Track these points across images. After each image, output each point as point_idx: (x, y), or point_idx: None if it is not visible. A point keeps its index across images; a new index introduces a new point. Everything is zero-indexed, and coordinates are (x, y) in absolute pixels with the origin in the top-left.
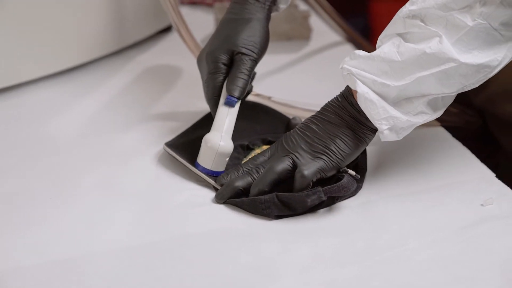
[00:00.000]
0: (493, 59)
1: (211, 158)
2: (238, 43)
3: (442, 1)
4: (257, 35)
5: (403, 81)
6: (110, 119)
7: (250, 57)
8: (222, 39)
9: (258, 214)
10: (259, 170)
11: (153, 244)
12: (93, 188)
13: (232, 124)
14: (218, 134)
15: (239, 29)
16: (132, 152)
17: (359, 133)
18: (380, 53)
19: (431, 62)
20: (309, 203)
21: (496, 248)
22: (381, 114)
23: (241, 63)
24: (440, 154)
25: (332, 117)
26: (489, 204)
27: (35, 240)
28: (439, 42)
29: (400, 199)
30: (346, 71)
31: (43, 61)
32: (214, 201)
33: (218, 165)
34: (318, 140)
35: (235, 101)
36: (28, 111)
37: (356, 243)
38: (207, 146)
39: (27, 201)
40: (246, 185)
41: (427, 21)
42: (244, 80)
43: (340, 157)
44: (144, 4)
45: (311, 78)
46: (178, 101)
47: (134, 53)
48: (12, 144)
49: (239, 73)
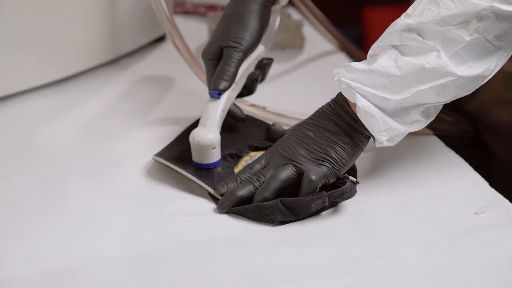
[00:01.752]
0: (486, 69)
1: (196, 151)
2: (226, 38)
3: (440, 16)
4: (246, 26)
5: (403, 94)
6: (103, 128)
7: (235, 49)
8: (214, 37)
9: (262, 220)
10: (260, 178)
11: (146, 254)
12: (86, 197)
13: (215, 116)
14: (200, 128)
15: (229, 24)
16: (125, 161)
17: (356, 141)
18: (379, 67)
19: (430, 76)
20: (313, 208)
21: (489, 256)
22: (381, 126)
23: (226, 56)
24: (433, 162)
25: (329, 124)
26: (483, 213)
27: (28, 249)
28: (437, 56)
29: (393, 207)
30: (345, 84)
31: (37, 71)
32: (216, 211)
33: (205, 157)
34: (318, 147)
35: (216, 93)
36: (21, 121)
37: (349, 251)
38: (191, 141)
39: (20, 210)
40: (248, 194)
41: (424, 35)
42: (228, 72)
43: (341, 164)
44: (138, 14)
45: (305, 87)
46: (171, 110)
47: (128, 62)
48: (5, 153)
49: (223, 66)
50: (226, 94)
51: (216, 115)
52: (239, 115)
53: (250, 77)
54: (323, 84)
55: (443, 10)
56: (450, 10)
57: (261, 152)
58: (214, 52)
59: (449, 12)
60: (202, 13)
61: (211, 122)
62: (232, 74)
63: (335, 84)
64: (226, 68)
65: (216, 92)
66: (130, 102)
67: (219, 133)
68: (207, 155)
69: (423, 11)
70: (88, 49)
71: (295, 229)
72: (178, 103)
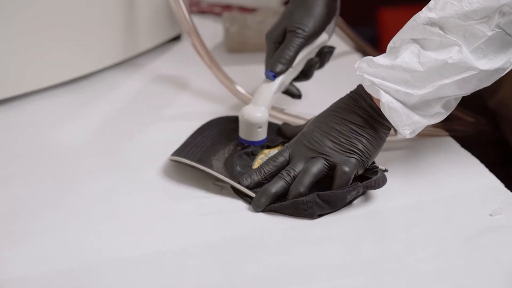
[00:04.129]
0: (506, 62)
1: (243, 127)
2: (290, 23)
3: (463, 11)
4: (310, 12)
5: (425, 89)
6: (119, 127)
7: (298, 35)
8: (279, 20)
9: (300, 215)
10: (290, 173)
11: (159, 254)
12: (101, 196)
13: (268, 96)
14: (251, 106)
15: (295, 8)
16: (140, 160)
17: (380, 133)
18: (401, 63)
19: (452, 71)
20: (349, 199)
21: (504, 258)
22: (404, 120)
23: (288, 40)
24: (448, 163)
25: (353, 117)
26: (498, 214)
27: (39, 249)
28: (459, 51)
29: (408, 208)
30: (368, 81)
31: (53, 70)
32: (251, 209)
33: (251, 134)
34: (345, 140)
35: (271, 75)
36: (37, 120)
37: (363, 252)
38: (240, 117)
39: (31, 210)
40: (282, 190)
41: (446, 29)
42: (286, 56)
43: (368, 156)
44: (155, 13)
45: (320, 88)
46: (186, 109)
47: (144, 61)
48: (20, 151)
49: (282, 50)
50: (281, 77)
51: (268, 96)
52: (295, 93)
53: (309, 63)
54: (339, 85)
55: (465, 4)
56: (472, 5)
57: (274, 149)
58: (278, 35)
59: (472, 7)
60: (218, 12)
61: (263, 101)
62: (290, 59)
63: (350, 85)
64: (285, 52)
65: (272, 74)
66: (146, 101)
67: (268, 113)
68: (253, 132)
69: (446, 5)
70: (104, 48)
71: (308, 229)
72: (194, 102)
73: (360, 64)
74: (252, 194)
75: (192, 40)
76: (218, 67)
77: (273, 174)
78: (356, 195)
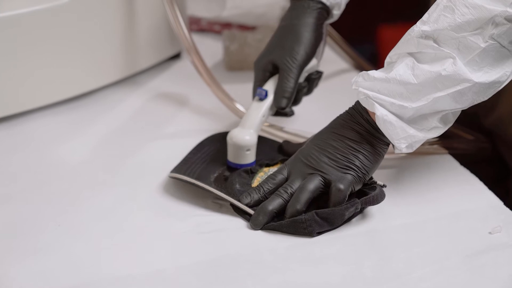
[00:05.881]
0: (502, 75)
1: (231, 151)
2: (282, 52)
3: (456, 23)
4: (300, 40)
5: (420, 102)
6: (119, 144)
7: (292, 64)
8: (268, 48)
9: (299, 234)
10: (287, 190)
11: (160, 272)
12: (101, 214)
13: (257, 118)
14: (238, 129)
15: (284, 37)
16: (140, 178)
17: (377, 148)
18: (396, 76)
19: (446, 83)
20: (347, 215)
21: (503, 276)
22: (400, 134)
23: (284, 72)
24: (447, 181)
25: (350, 133)
26: (497, 232)
27: (41, 267)
28: (453, 63)
29: (408, 227)
30: (362, 94)
31: (54, 87)
32: (249, 227)
33: (239, 157)
34: (341, 156)
35: (262, 96)
36: (38, 137)
37: (363, 271)
38: (228, 143)
39: (32, 227)
40: (279, 207)
41: (440, 42)
42: (288, 89)
43: (364, 172)
44: (155, 32)
45: (319, 105)
46: (186, 127)
47: (144, 79)
48: (21, 169)
49: (281, 83)
50: (270, 100)
51: (257, 118)
52: (288, 112)
53: (297, 88)
54: (338, 103)
55: (458, 16)
56: (465, 16)
57: (273, 167)
58: (267, 63)
59: (464, 18)
60: (218, 30)
61: (251, 124)
62: (292, 91)
63: (349, 103)
64: (285, 85)
65: (263, 93)
66: (146, 118)
67: (256, 136)
68: (241, 155)
69: (439, 18)
70: (104, 67)
71: (309, 247)
72: (193, 120)
73: (356, 79)
74: (252, 212)
75: (192, 58)
76: (217, 85)
77: (272, 192)
78: (355, 212)
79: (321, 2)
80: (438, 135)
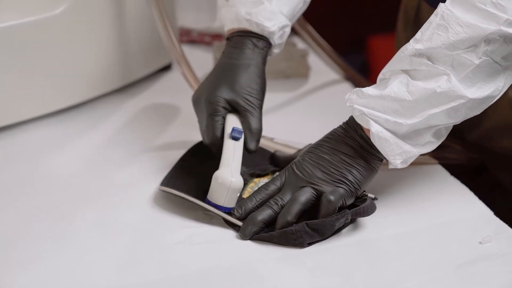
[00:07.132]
0: (495, 90)
1: (223, 194)
2: (242, 92)
3: (449, 41)
4: (257, 81)
5: (415, 119)
6: (108, 156)
7: (257, 106)
8: (222, 83)
9: (290, 245)
10: (278, 201)
11: (151, 284)
12: (90, 226)
13: (239, 159)
14: (228, 170)
15: (240, 75)
16: (131, 190)
17: (371, 163)
18: (390, 93)
19: (441, 100)
20: (337, 226)
21: (494, 286)
22: (395, 150)
23: (250, 114)
24: (438, 192)
25: (344, 147)
26: (487, 242)
27: (32, 279)
28: (447, 80)
29: (398, 237)
30: (358, 111)
31: (45, 99)
32: (238, 237)
33: (230, 201)
34: (335, 170)
35: (240, 136)
36: (28, 149)
37: (355, 281)
38: (218, 183)
39: (25, 239)
40: (268, 218)
41: (433, 59)
42: (259, 131)
43: (357, 186)
44: (145, 43)
45: (310, 116)
46: (177, 138)
47: (134, 91)
48: (10, 181)
49: (250, 126)
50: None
51: (240, 159)
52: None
53: None
54: (329, 113)
55: (452, 35)
56: (458, 35)
57: (264, 178)
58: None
59: (458, 36)
60: (208, 42)
61: (237, 165)
62: (261, 133)
63: (340, 114)
64: (255, 127)
65: (240, 133)
66: (136, 129)
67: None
68: (232, 198)
69: (432, 36)
70: (95, 78)
71: (300, 258)
72: (184, 132)
73: (350, 96)
74: (240, 223)
75: (182, 70)
76: None
77: (264, 202)
78: (345, 222)
79: (268, 41)
80: (432, 149)
